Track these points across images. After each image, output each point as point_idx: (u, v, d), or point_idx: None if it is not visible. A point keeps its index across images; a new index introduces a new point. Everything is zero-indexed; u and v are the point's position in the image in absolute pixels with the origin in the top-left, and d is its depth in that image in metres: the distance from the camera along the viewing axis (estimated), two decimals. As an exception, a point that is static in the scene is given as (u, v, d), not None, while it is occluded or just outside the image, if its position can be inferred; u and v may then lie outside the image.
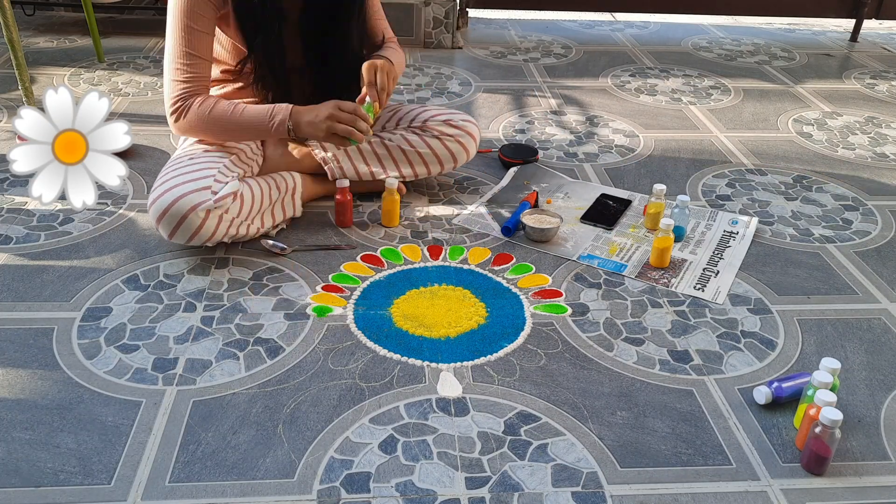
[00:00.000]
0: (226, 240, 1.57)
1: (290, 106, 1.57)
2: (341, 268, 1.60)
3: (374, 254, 1.66)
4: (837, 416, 1.11)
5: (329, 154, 1.78)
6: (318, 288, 1.53)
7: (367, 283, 1.56)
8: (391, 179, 1.72)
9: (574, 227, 1.79)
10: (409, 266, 1.62)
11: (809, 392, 1.21)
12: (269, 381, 1.29)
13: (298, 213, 1.74)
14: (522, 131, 2.32)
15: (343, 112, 1.55)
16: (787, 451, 1.20)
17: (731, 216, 1.86)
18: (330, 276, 1.57)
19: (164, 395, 1.24)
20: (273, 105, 1.58)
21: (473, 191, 1.94)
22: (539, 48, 3.14)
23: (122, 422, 1.19)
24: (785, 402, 1.28)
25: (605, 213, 1.84)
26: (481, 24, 3.47)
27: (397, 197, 1.74)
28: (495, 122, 2.37)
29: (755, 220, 1.84)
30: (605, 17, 3.71)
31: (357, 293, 1.52)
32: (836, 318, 1.53)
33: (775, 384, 1.28)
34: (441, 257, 1.66)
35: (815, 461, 1.15)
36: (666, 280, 1.61)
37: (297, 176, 1.76)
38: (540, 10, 3.57)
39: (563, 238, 1.74)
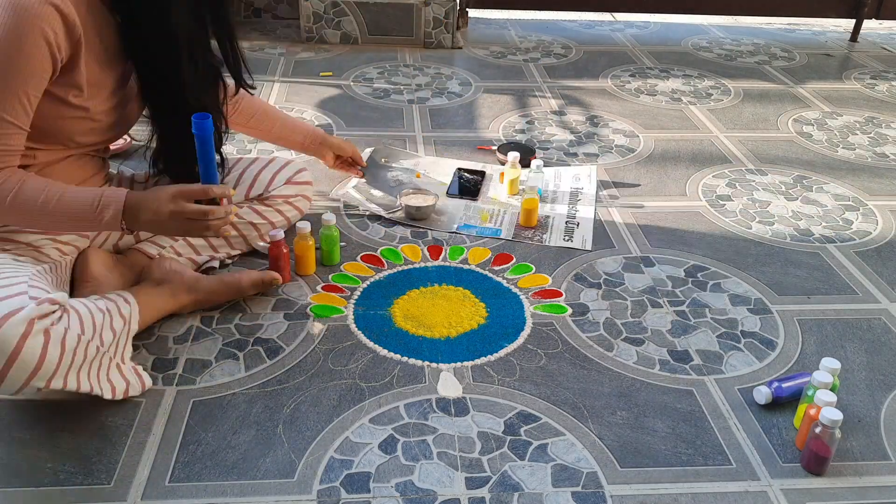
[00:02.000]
0: (67, 383, 1.08)
1: (124, 194, 1.18)
2: (342, 268, 1.60)
3: (374, 254, 1.66)
4: (837, 416, 1.11)
5: (163, 249, 1.47)
6: (318, 288, 1.53)
7: (368, 283, 1.56)
8: (303, 223, 1.53)
9: (444, 202, 1.86)
10: (409, 266, 1.62)
11: (809, 392, 1.21)
12: (269, 381, 1.28)
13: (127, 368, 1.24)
14: (522, 131, 2.32)
15: (188, 206, 1.20)
16: (787, 451, 1.20)
17: (573, 171, 2.03)
18: (330, 276, 1.57)
19: (164, 396, 1.24)
20: (101, 191, 1.18)
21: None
22: (539, 48, 3.14)
23: (122, 422, 1.18)
24: (785, 402, 1.28)
25: (467, 185, 1.94)
26: (481, 24, 3.47)
27: (311, 242, 1.54)
28: (495, 122, 2.37)
29: (594, 167, 2.04)
30: (605, 17, 3.71)
31: (357, 293, 1.52)
32: (836, 318, 1.53)
33: (775, 384, 1.28)
34: (441, 257, 1.66)
35: (815, 461, 1.15)
36: (539, 237, 1.75)
37: (133, 302, 1.28)
38: (540, 10, 3.57)
39: (437, 213, 1.80)
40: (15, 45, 1.05)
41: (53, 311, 1.05)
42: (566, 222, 1.81)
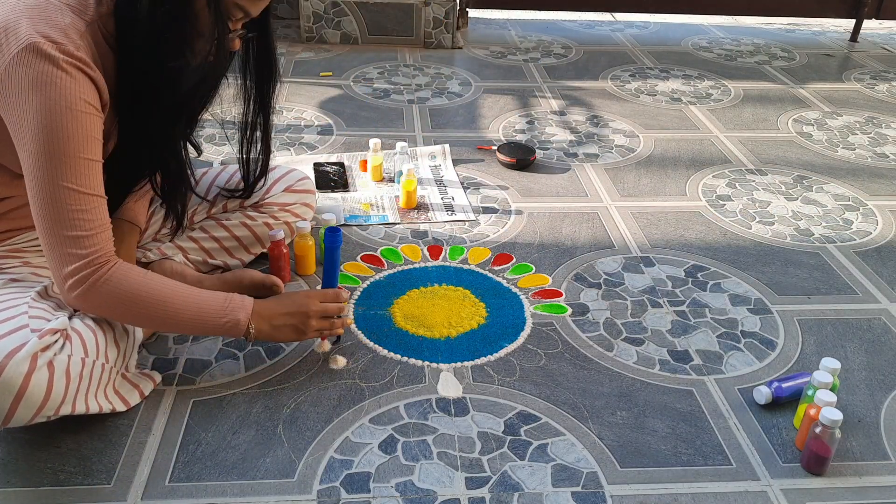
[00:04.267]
0: (75, 409, 1.06)
1: (250, 301, 1.19)
2: (342, 268, 1.60)
3: (374, 254, 1.66)
4: (837, 416, 1.11)
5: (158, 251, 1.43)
6: (318, 288, 1.53)
7: (368, 283, 1.56)
8: (303, 223, 1.53)
9: (322, 200, 1.86)
10: (410, 266, 1.62)
11: (809, 392, 1.21)
12: (269, 381, 1.28)
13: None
14: (523, 131, 2.32)
15: (329, 306, 1.26)
16: (787, 451, 1.20)
17: (428, 150, 2.13)
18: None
19: (164, 396, 1.24)
20: (227, 295, 1.18)
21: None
22: (539, 48, 3.13)
23: (122, 422, 1.18)
24: (785, 402, 1.28)
25: (332, 178, 1.95)
26: (481, 24, 3.47)
27: (311, 242, 1.54)
28: (495, 122, 2.37)
29: (447, 146, 2.13)
30: (605, 17, 3.71)
31: (357, 293, 1.52)
32: (836, 318, 1.53)
33: (775, 384, 1.28)
34: (441, 257, 1.66)
35: (815, 461, 1.15)
36: (426, 217, 1.81)
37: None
38: (540, 10, 3.57)
39: (319, 212, 1.71)
40: (66, 115, 1.00)
41: (55, 342, 1.03)
42: (442, 198, 1.89)
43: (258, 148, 1.38)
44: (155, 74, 1.08)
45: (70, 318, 1.10)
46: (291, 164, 1.97)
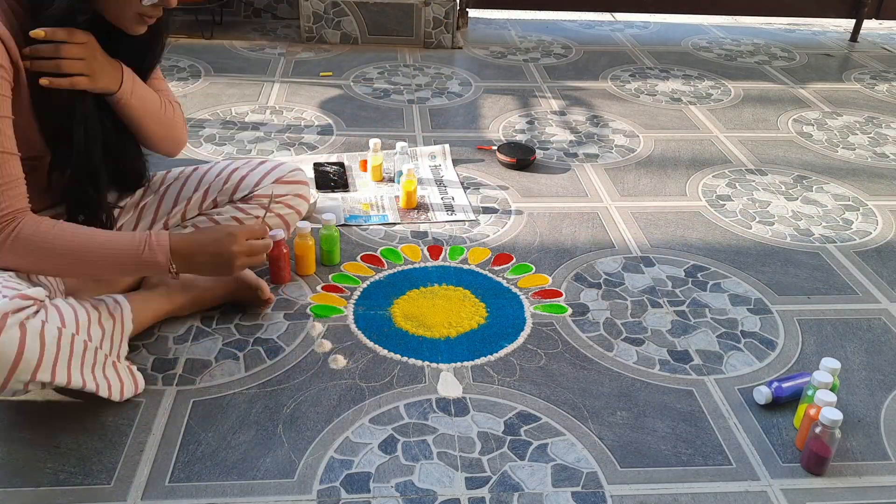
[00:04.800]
0: (55, 377, 1.06)
1: (167, 237, 1.17)
2: (342, 268, 1.60)
3: (374, 254, 1.66)
4: (837, 416, 1.11)
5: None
6: (319, 288, 1.53)
7: (368, 283, 1.56)
8: (303, 223, 1.53)
9: (323, 200, 1.86)
10: (409, 266, 1.62)
11: (809, 392, 1.21)
12: (269, 381, 1.28)
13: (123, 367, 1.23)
14: (523, 131, 2.32)
15: (255, 244, 1.23)
16: (787, 451, 1.20)
17: (428, 150, 2.12)
18: (330, 276, 1.57)
19: (164, 396, 1.24)
20: (144, 234, 1.17)
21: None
22: (539, 48, 3.13)
23: (122, 422, 1.18)
24: (785, 403, 1.28)
25: (333, 178, 1.95)
26: (481, 24, 3.47)
27: (311, 242, 1.54)
28: (495, 122, 2.37)
29: (447, 146, 2.13)
30: (605, 17, 3.71)
31: (357, 293, 1.52)
32: (836, 318, 1.53)
33: (775, 384, 1.28)
34: (441, 257, 1.66)
35: (815, 461, 1.15)
36: (426, 217, 1.81)
37: (124, 302, 1.27)
38: (540, 10, 3.57)
39: (319, 212, 1.76)
40: None
41: (28, 306, 1.03)
42: (442, 198, 1.89)
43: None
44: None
45: (48, 297, 1.10)
46: (300, 163, 1.98)
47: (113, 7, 1.11)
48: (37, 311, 1.04)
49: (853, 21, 3.46)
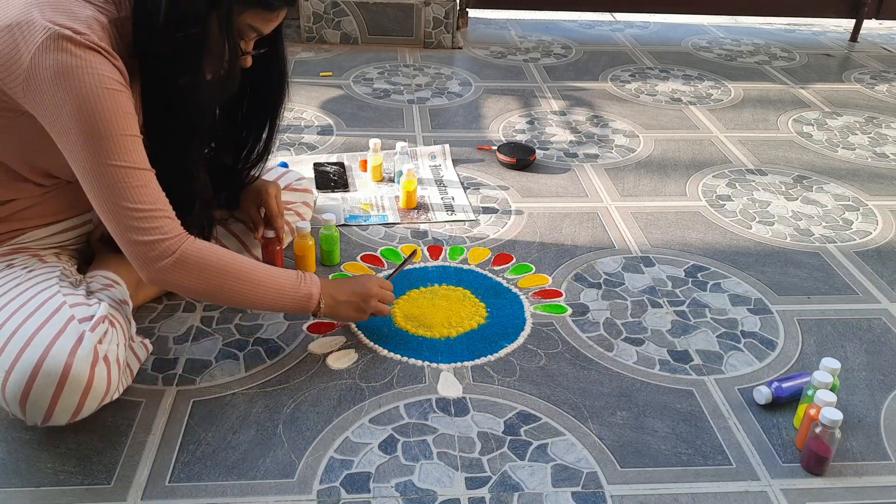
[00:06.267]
0: (117, 394, 1.11)
1: (318, 279, 1.24)
2: (342, 268, 1.60)
3: (374, 254, 1.66)
4: (837, 416, 1.11)
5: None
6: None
7: (367, 283, 1.56)
8: (303, 223, 1.53)
9: (323, 199, 1.86)
10: (410, 266, 1.62)
11: (809, 392, 1.21)
12: (269, 381, 1.28)
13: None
14: (523, 131, 2.32)
15: (383, 289, 1.32)
16: (787, 451, 1.20)
17: (428, 150, 2.12)
18: (330, 276, 1.57)
19: (164, 395, 1.24)
20: (298, 273, 1.22)
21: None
22: (539, 48, 3.14)
23: (122, 422, 1.18)
24: (785, 403, 1.28)
25: (333, 178, 1.94)
26: (481, 24, 3.47)
27: (311, 242, 1.54)
28: (495, 122, 2.37)
29: (447, 146, 2.12)
30: (605, 17, 3.71)
31: (357, 293, 1.52)
32: (836, 318, 1.53)
33: (775, 384, 1.28)
34: (441, 257, 1.66)
35: (815, 461, 1.15)
36: (426, 217, 1.81)
37: (120, 279, 1.29)
38: (540, 10, 3.57)
39: (318, 212, 1.74)
40: (102, 95, 0.99)
41: (105, 332, 1.06)
42: (442, 198, 1.89)
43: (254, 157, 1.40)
44: (166, 90, 1.09)
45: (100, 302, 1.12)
46: (291, 165, 1.98)
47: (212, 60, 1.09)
48: (111, 336, 1.08)
49: (853, 21, 3.46)
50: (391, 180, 1.97)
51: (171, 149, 1.15)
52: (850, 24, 3.51)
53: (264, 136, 1.37)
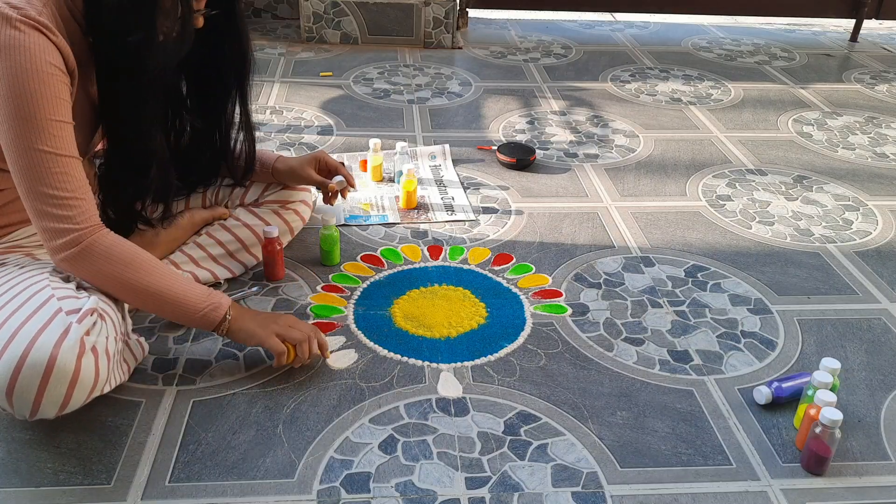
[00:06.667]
0: (108, 387, 1.10)
1: (230, 299, 1.23)
2: (342, 268, 1.60)
3: (374, 254, 1.66)
4: (837, 416, 1.11)
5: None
6: (318, 288, 1.53)
7: (368, 283, 1.56)
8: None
9: (318, 197, 1.81)
10: (409, 266, 1.62)
11: (809, 392, 1.21)
12: (269, 381, 1.28)
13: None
14: (522, 131, 2.32)
15: (298, 324, 1.28)
16: (787, 451, 1.20)
17: (428, 150, 2.12)
18: (330, 276, 1.57)
19: (164, 396, 1.24)
20: (208, 289, 1.21)
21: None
22: (539, 48, 3.13)
23: (122, 422, 1.18)
24: (785, 403, 1.28)
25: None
26: (481, 24, 3.47)
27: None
28: (495, 122, 2.37)
29: (447, 146, 2.12)
30: (605, 17, 3.71)
31: (357, 293, 1.52)
32: (836, 318, 1.53)
33: (775, 384, 1.28)
34: (441, 257, 1.66)
35: (815, 461, 1.15)
36: (426, 217, 1.80)
37: None
38: (540, 10, 3.57)
39: (317, 211, 1.71)
40: (32, 77, 1.00)
41: (94, 324, 1.05)
42: (442, 198, 1.89)
43: (241, 137, 1.42)
44: (120, 51, 1.10)
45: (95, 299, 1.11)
46: None
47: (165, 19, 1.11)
48: (100, 328, 1.06)
49: (853, 21, 3.46)
50: (391, 180, 1.97)
51: (125, 108, 1.16)
52: (850, 24, 3.51)
53: (238, 105, 1.37)
